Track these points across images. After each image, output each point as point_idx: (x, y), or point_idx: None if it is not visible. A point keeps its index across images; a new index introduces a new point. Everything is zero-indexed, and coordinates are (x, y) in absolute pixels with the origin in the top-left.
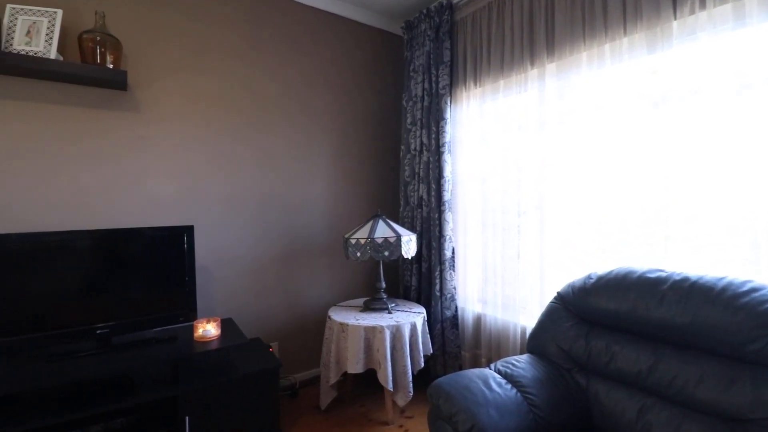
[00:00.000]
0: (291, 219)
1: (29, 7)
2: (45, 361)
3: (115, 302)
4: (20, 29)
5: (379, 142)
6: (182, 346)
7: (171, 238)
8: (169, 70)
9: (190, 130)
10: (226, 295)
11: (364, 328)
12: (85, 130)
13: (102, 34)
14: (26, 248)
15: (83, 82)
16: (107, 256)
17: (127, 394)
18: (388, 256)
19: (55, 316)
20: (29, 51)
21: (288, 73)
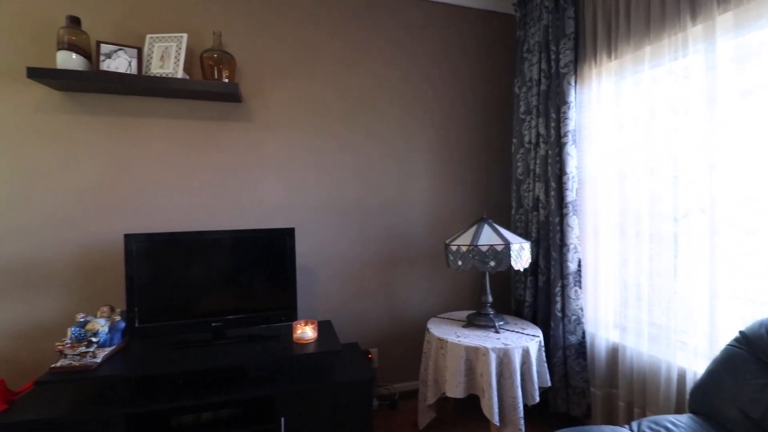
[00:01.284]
0: (389, 222)
1: (162, 35)
2: (172, 347)
3: (230, 299)
4: (156, 55)
5: (486, 137)
6: (283, 345)
7: (275, 240)
8: (277, 78)
9: (293, 136)
10: (325, 297)
11: (465, 348)
12: (208, 140)
13: (219, 52)
14: (163, 246)
15: (205, 97)
16: (224, 256)
17: (234, 387)
18: (494, 267)
19: (182, 307)
20: (162, 73)
21: (388, 73)
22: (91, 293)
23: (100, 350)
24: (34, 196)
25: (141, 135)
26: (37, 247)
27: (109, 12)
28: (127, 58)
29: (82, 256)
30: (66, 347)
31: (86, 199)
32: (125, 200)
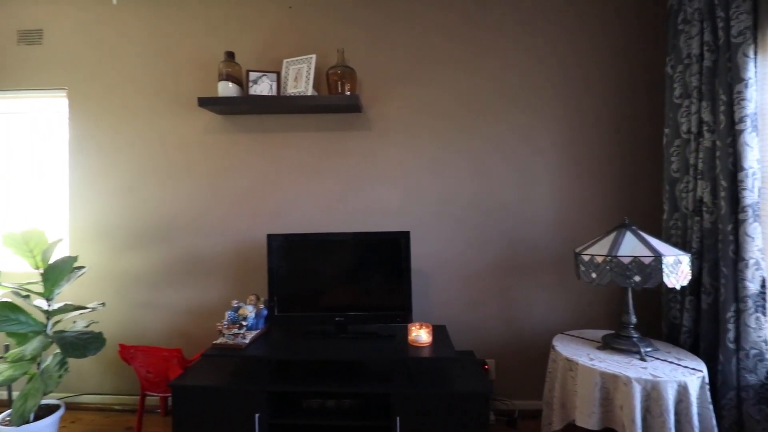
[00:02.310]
0: (508, 227)
1: (295, 58)
2: (303, 336)
3: (351, 296)
4: (291, 76)
5: (626, 129)
6: (398, 346)
7: (391, 242)
8: (394, 86)
9: (409, 141)
10: (439, 301)
11: (600, 374)
12: (333, 149)
13: (342, 68)
14: (296, 245)
15: (330, 110)
16: (346, 257)
17: (353, 380)
18: (639, 283)
19: (311, 301)
20: (296, 92)
21: (505, 73)
22: (242, 283)
23: (249, 333)
24: (203, 202)
25: (279, 148)
26: (206, 244)
27: (255, 44)
28: (269, 82)
29: (237, 252)
30: (224, 328)
31: (239, 204)
32: (267, 205)
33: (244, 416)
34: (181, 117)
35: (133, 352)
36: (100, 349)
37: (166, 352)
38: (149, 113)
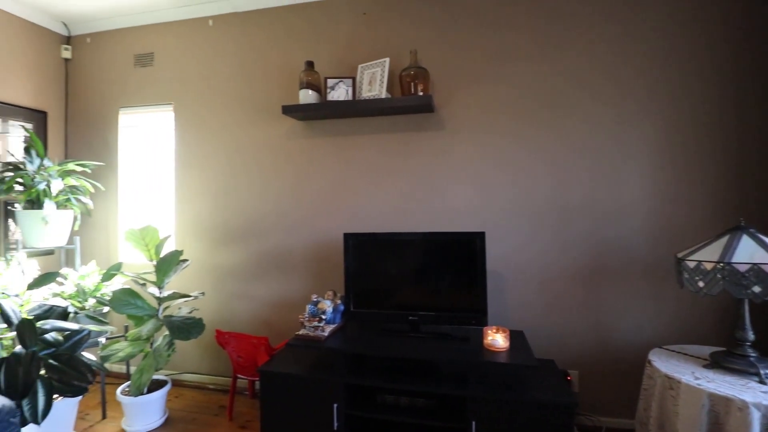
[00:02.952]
0: (594, 228)
1: (369, 63)
2: (377, 333)
3: (424, 296)
4: (365, 81)
5: (738, 119)
6: (473, 348)
7: (465, 243)
8: (466, 84)
9: (482, 139)
10: (516, 305)
11: (708, 395)
12: (405, 150)
13: (414, 69)
14: (371, 244)
15: (403, 111)
16: (419, 256)
17: (427, 380)
18: (760, 294)
19: (385, 299)
20: (370, 96)
21: (585, 66)
22: (320, 278)
23: (327, 326)
24: (287, 202)
25: (354, 150)
26: (289, 241)
27: (332, 52)
28: (345, 88)
29: (316, 249)
30: (305, 320)
31: (318, 204)
32: (344, 205)
33: (324, 405)
34: (267, 124)
35: (227, 338)
36: (200, 333)
37: (255, 339)
38: (241, 122)
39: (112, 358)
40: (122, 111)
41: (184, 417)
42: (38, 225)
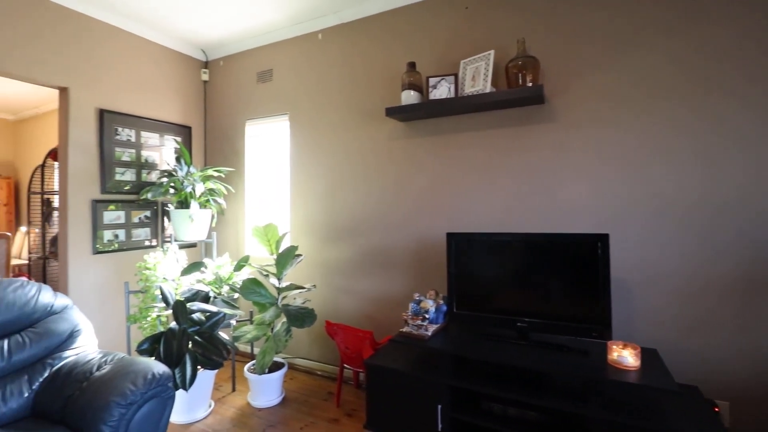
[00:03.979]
0: (751, 231)
1: (472, 58)
2: (482, 337)
3: (533, 302)
4: (468, 76)
5: None
6: (594, 364)
7: (584, 246)
8: (583, 73)
9: (602, 133)
10: (646, 319)
11: None
12: (511, 146)
13: (522, 59)
14: (476, 244)
15: (509, 105)
16: (529, 259)
17: (538, 391)
18: None
19: (490, 302)
20: (473, 91)
21: (732, 43)
22: (421, 277)
23: (431, 326)
24: (389, 201)
25: (456, 148)
26: (391, 240)
27: (433, 51)
28: (447, 85)
29: (417, 248)
30: (409, 318)
31: (419, 203)
32: (446, 204)
33: (427, 404)
34: (371, 127)
35: (336, 329)
36: (313, 322)
37: (360, 332)
38: (347, 126)
39: (242, 339)
40: (248, 123)
41: (298, 398)
42: (186, 222)
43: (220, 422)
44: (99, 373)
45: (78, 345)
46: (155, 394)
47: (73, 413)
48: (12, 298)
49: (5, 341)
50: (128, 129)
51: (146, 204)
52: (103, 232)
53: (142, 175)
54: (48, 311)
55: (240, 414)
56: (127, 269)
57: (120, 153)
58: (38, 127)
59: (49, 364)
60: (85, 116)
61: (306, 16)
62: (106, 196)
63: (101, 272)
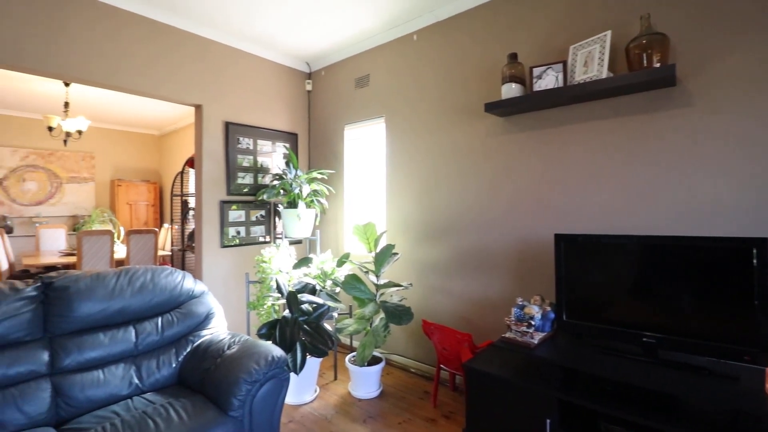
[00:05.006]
0: None
1: (584, 42)
2: (599, 350)
3: (662, 314)
4: (579, 62)
5: None
6: (747, 393)
7: (733, 252)
8: (721, 52)
9: (748, 122)
10: None
11: None
12: (633, 136)
13: (647, 37)
14: (591, 247)
15: (629, 90)
16: (657, 265)
17: (673, 419)
18: None
19: (608, 312)
20: (586, 78)
21: None
22: (523, 281)
23: (536, 333)
24: (485, 200)
25: (563, 142)
26: (488, 240)
27: (536, 39)
28: (554, 74)
29: (518, 249)
30: (512, 323)
31: (520, 202)
32: (550, 202)
33: (533, 416)
34: (467, 124)
35: (433, 329)
36: (410, 320)
37: (459, 334)
38: (442, 125)
39: (344, 331)
40: (347, 127)
41: (394, 393)
42: (294, 220)
43: (324, 407)
44: (229, 352)
45: (212, 326)
46: (274, 374)
47: (209, 385)
48: (164, 283)
49: (159, 319)
50: (247, 138)
51: (261, 204)
52: (228, 229)
53: (258, 178)
54: (190, 295)
55: (342, 402)
56: (245, 262)
57: (241, 159)
58: (176, 140)
59: (191, 341)
60: (214, 129)
61: (402, 18)
62: (230, 197)
63: (226, 264)
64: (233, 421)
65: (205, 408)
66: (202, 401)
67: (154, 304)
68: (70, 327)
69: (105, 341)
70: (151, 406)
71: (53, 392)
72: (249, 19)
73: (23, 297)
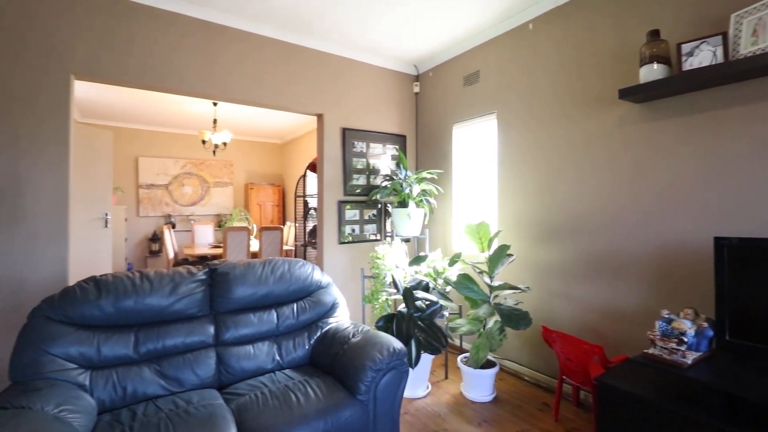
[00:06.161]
0: None
1: (750, 7)
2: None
3: None
4: (745, 32)
5: None
6: None
7: None
8: None
9: None
10: None
11: None
12: None
13: None
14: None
15: None
16: None
17: None
18: None
19: None
20: (755, 50)
21: None
22: (666, 291)
23: (689, 352)
24: (621, 198)
25: (716, 130)
26: (624, 243)
27: (683, 10)
28: (709, 49)
29: (662, 254)
30: (657, 338)
31: (664, 199)
32: (708, 201)
33: None
34: (594, 114)
35: (555, 337)
36: (528, 326)
37: (587, 345)
38: (563, 116)
39: (457, 331)
40: (455, 126)
41: (509, 400)
42: (404, 220)
43: (437, 404)
44: (354, 340)
45: (337, 315)
46: (395, 366)
47: (338, 368)
48: (298, 273)
49: (294, 305)
50: (361, 142)
51: (373, 204)
52: (344, 227)
53: (370, 179)
54: (318, 286)
55: (455, 402)
56: (359, 258)
57: (356, 162)
58: (296, 147)
59: (320, 327)
60: (333, 135)
61: (516, 8)
62: (346, 197)
63: (343, 259)
64: (360, 404)
65: (335, 389)
66: (333, 382)
67: (290, 292)
68: (229, 306)
69: (254, 321)
70: (291, 381)
71: (217, 360)
72: (362, 29)
73: (196, 279)
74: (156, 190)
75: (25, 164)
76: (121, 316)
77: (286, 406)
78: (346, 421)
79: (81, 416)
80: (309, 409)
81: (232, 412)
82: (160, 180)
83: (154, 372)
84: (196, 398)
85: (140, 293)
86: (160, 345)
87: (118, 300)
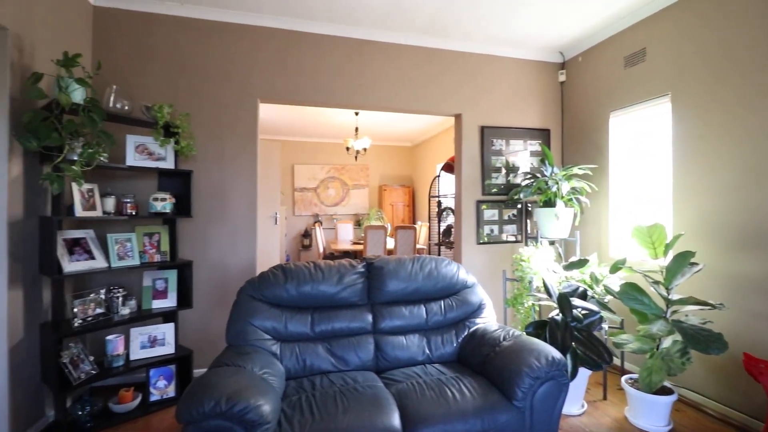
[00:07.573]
0: None
1: None
2: None
3: None
4: None
5: None
6: None
7: None
8: None
9: None
10: None
11: None
12: None
13: None
14: None
15: None
16: None
17: None
18: None
19: None
20: None
21: None
22: None
23: None
24: None
25: None
26: None
27: None
28: None
29: None
30: None
31: None
32: None
33: None
34: None
35: (763, 368)
36: (722, 351)
37: None
38: (754, 103)
39: (624, 347)
40: (612, 114)
41: None
42: (551, 220)
43: (597, 426)
44: (506, 344)
45: (484, 316)
46: (553, 376)
47: (490, 369)
48: (444, 272)
49: (441, 302)
50: (500, 139)
51: (513, 203)
52: (483, 228)
53: (509, 178)
54: (464, 285)
55: (618, 426)
56: (498, 259)
57: (494, 160)
58: (426, 149)
59: (467, 326)
60: (471, 134)
61: None
62: (484, 197)
63: (482, 259)
64: (517, 411)
65: (489, 390)
66: (486, 383)
67: (438, 289)
68: (383, 298)
69: (405, 313)
70: (443, 375)
71: (375, 346)
72: (503, 22)
73: (357, 272)
74: (307, 192)
75: (229, 172)
76: (302, 298)
77: (443, 399)
78: (502, 425)
79: (277, 379)
80: (465, 406)
81: (393, 396)
82: (310, 184)
83: (326, 350)
84: (361, 378)
85: (315, 280)
86: (329, 327)
87: (299, 285)
